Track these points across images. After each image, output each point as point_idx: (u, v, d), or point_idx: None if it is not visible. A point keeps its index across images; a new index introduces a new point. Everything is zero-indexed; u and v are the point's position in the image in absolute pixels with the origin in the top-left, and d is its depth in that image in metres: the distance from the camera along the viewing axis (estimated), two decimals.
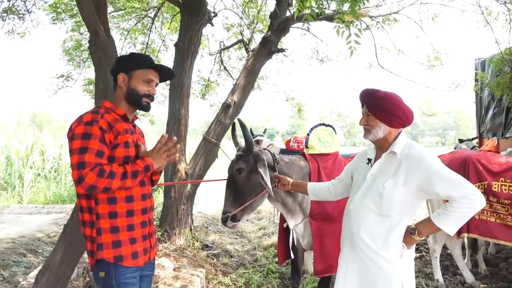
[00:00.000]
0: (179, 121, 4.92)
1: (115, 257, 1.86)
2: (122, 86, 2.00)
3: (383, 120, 2.06)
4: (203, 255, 4.77)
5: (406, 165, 1.99)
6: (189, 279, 3.65)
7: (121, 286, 1.86)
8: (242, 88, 5.06)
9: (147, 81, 2.02)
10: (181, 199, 4.79)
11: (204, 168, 4.95)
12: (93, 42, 2.38)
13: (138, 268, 1.95)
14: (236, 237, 6.70)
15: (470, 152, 4.50)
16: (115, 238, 1.87)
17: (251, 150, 2.82)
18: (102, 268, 1.87)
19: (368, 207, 2.06)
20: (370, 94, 2.11)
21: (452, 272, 4.98)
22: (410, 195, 1.98)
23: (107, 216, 1.87)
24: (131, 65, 2.00)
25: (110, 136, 1.86)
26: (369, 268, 2.05)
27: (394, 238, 2.01)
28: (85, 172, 1.75)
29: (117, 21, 8.30)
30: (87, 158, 1.77)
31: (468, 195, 1.83)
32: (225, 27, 7.61)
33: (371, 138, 2.12)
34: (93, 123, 1.82)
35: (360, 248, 2.07)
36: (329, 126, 3.46)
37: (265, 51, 5.12)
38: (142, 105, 2.03)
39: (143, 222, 1.98)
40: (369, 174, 2.13)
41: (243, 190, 2.79)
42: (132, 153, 1.95)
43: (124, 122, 1.97)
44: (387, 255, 2.01)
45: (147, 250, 2.00)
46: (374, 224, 2.04)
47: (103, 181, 1.76)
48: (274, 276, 4.60)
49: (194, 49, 5.00)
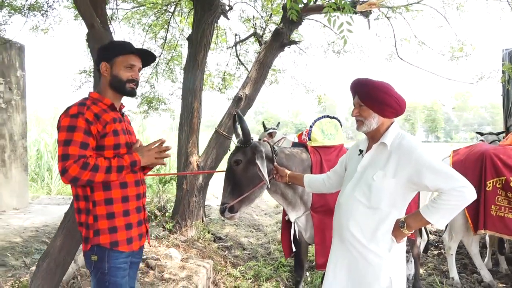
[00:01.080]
0: (191, 114, 4.97)
1: (111, 242, 1.91)
2: (106, 75, 2.02)
3: (376, 110, 2.00)
4: (214, 247, 4.82)
5: (396, 156, 1.93)
6: (195, 269, 3.70)
7: (112, 270, 1.91)
8: (253, 81, 5.05)
9: (129, 66, 2.03)
10: (192, 191, 4.85)
11: (216, 160, 4.98)
12: (90, 34, 2.44)
13: (131, 253, 2.00)
14: (252, 230, 6.72)
15: (488, 146, 4.32)
16: (111, 224, 1.92)
17: (249, 142, 2.81)
18: (96, 252, 1.92)
19: (358, 199, 2.02)
20: (362, 84, 2.06)
21: (470, 270, 4.82)
22: (400, 187, 1.92)
23: (103, 203, 1.92)
24: (111, 53, 2.03)
25: (98, 126, 1.89)
26: (358, 262, 2.01)
27: (383, 231, 1.96)
28: (69, 164, 1.79)
29: (139, 16, 8.46)
30: (71, 150, 1.81)
31: (457, 187, 1.76)
32: (241, 20, 7.60)
33: (364, 130, 2.07)
34: (79, 115, 1.85)
35: (349, 241, 2.03)
36: (334, 118, 3.40)
37: (277, 43, 5.07)
38: (127, 90, 2.05)
39: (138, 208, 2.03)
40: (360, 166, 2.08)
41: (241, 181, 2.79)
42: (122, 141, 1.99)
43: (112, 112, 2.01)
44: (376, 249, 1.96)
45: (142, 235, 2.06)
46: (363, 216, 2.00)
47: (86, 174, 1.80)
48: (285, 270, 4.59)
49: (207, 42, 5.02)
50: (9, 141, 7.30)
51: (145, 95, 8.63)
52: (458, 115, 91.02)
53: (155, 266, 3.61)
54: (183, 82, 5.19)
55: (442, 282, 4.32)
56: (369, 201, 1.98)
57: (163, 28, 8.12)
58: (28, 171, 8.85)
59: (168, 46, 8.22)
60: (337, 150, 3.29)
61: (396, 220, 1.95)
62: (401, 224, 1.92)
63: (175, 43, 8.17)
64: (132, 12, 8.27)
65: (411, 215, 1.93)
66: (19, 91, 7.52)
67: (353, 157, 2.22)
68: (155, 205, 5.24)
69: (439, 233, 6.40)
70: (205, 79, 8.38)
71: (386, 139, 1.99)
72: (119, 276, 1.93)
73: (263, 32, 6.96)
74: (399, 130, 2.03)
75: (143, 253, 2.31)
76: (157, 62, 8.41)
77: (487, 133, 5.62)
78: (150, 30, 8.26)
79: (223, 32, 7.95)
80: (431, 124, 78.57)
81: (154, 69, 8.47)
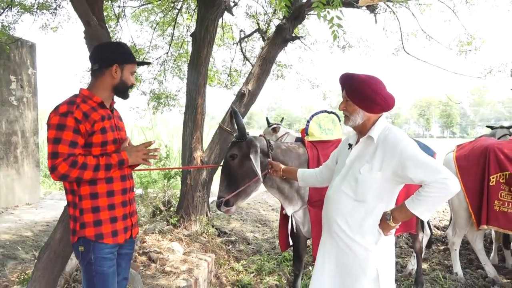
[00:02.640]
0: (195, 110, 5.01)
1: (96, 235, 1.98)
2: (115, 77, 2.07)
3: (362, 106, 2.01)
4: (217, 241, 4.87)
5: (382, 150, 1.94)
6: (196, 263, 3.75)
7: (98, 260, 1.98)
8: (256, 77, 5.06)
9: (132, 73, 2.14)
10: (196, 186, 4.90)
11: (219, 156, 5.02)
12: (86, 32, 2.50)
13: (117, 245, 2.06)
14: (258, 225, 6.75)
15: (493, 141, 4.27)
16: (96, 218, 1.99)
17: (244, 137, 2.85)
18: (82, 244, 1.99)
19: (345, 192, 2.04)
20: (349, 78, 2.07)
21: (476, 266, 4.78)
22: (386, 180, 1.94)
23: (89, 197, 1.99)
24: (125, 58, 2.09)
25: (86, 125, 1.94)
26: (345, 254, 2.04)
27: (369, 224, 1.98)
28: (58, 162, 1.86)
29: (147, 14, 8.55)
30: (61, 148, 1.87)
31: (440, 179, 1.76)
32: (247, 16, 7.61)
33: (350, 125, 2.09)
34: (68, 114, 1.91)
35: (337, 233, 2.06)
36: (332, 113, 3.40)
37: (280, 39, 5.08)
38: (127, 95, 2.16)
39: (124, 202, 2.09)
40: (348, 159, 2.10)
41: (236, 176, 2.83)
42: (109, 138, 2.04)
43: (101, 109, 2.06)
44: (362, 241, 1.98)
45: (127, 228, 2.11)
46: (349, 209, 2.02)
47: (75, 172, 1.88)
48: (288, 264, 4.62)
49: (210, 39, 5.05)
50: (21, 138, 7.48)
51: (154, 92, 8.73)
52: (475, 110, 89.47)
53: (156, 259, 3.68)
54: (187, 78, 5.24)
55: (445, 277, 4.30)
56: (355, 194, 2.00)
57: (171, 25, 8.19)
58: (41, 167, 9.05)
59: (175, 44, 8.28)
60: (334, 145, 3.28)
61: (383, 212, 1.96)
62: (388, 216, 1.93)
63: (182, 40, 8.23)
64: (140, 10, 8.36)
65: (397, 207, 1.94)
66: (31, 89, 7.68)
67: (343, 151, 2.24)
68: (159, 200, 5.31)
69: (445, 228, 6.34)
70: (213, 76, 8.44)
71: (372, 132, 2.00)
72: (105, 266, 1.99)
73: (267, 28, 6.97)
74: (386, 124, 2.04)
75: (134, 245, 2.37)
76: (165, 59, 8.49)
77: (497, 127, 5.52)
78: (158, 27, 8.33)
79: (230, 29, 7.98)
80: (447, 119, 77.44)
81: (162, 66, 8.55)
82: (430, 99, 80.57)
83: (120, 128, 2.18)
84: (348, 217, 2.02)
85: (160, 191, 5.53)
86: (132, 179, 2.21)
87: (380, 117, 2.06)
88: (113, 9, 7.14)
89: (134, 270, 3.14)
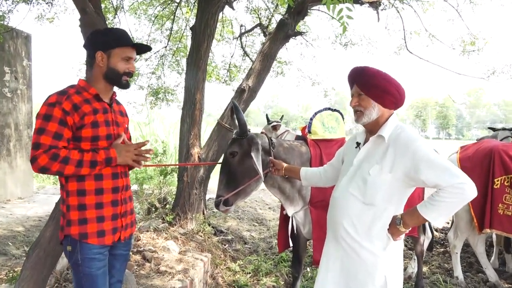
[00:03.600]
0: (194, 105, 4.89)
1: (80, 234, 1.86)
2: (101, 65, 1.94)
3: (376, 98, 1.90)
4: (214, 240, 4.76)
5: (394, 150, 1.84)
6: (192, 262, 3.64)
7: (86, 261, 1.86)
8: (257, 73, 4.95)
9: (126, 59, 1.98)
10: (193, 184, 4.78)
11: (217, 153, 4.90)
12: (82, 20, 2.37)
13: (104, 245, 1.93)
14: (255, 224, 6.65)
15: (497, 143, 4.18)
16: (81, 216, 1.87)
17: (245, 134, 2.73)
18: (70, 243, 1.88)
19: (352, 194, 1.93)
20: (361, 72, 1.97)
21: (476, 269, 4.70)
22: (396, 182, 1.83)
23: (76, 194, 1.88)
24: (109, 43, 1.95)
25: (75, 117, 1.83)
26: (351, 259, 1.93)
27: (378, 228, 1.87)
28: (38, 153, 1.76)
29: (145, 7, 8.40)
30: (43, 139, 1.77)
31: (457, 183, 1.65)
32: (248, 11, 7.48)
33: (365, 121, 1.96)
34: (56, 104, 1.80)
35: (343, 237, 1.95)
36: (336, 110, 3.30)
37: (281, 34, 4.96)
38: (122, 83, 2.00)
39: (114, 201, 1.95)
40: (356, 159, 1.99)
41: (236, 174, 2.72)
42: (102, 133, 1.92)
43: (97, 102, 1.94)
44: (370, 247, 1.87)
45: (117, 229, 1.97)
46: (357, 212, 1.91)
47: (56, 165, 1.76)
48: (285, 265, 4.52)
49: (210, 33, 4.92)
50: (14, 131, 7.32)
51: (152, 87, 8.59)
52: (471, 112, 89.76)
53: (151, 258, 3.56)
54: (186, 73, 5.11)
55: (446, 281, 4.21)
56: (364, 196, 1.89)
57: (169, 19, 8.05)
58: None
59: (174, 38, 8.14)
60: (338, 144, 3.19)
61: (393, 217, 1.86)
62: (398, 221, 1.83)
63: (181, 34, 8.09)
64: (139, 3, 8.21)
65: (408, 212, 1.83)
66: (25, 81, 7.52)
67: (350, 150, 2.13)
68: (155, 197, 5.19)
69: (445, 230, 6.26)
70: (212, 71, 8.31)
71: (384, 131, 1.89)
72: (93, 267, 1.87)
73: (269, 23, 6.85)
74: (398, 123, 1.93)
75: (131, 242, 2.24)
76: (164, 54, 8.35)
77: (499, 129, 5.44)
78: (156, 21, 8.19)
79: (229, 23, 7.85)
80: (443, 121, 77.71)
81: (161, 60, 8.41)
82: (427, 100, 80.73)
83: (118, 124, 2.04)
84: (355, 221, 1.91)
85: (155, 188, 5.41)
86: (126, 177, 2.07)
87: (391, 115, 1.96)
88: (111, 1, 6.99)
89: (127, 269, 3.02)
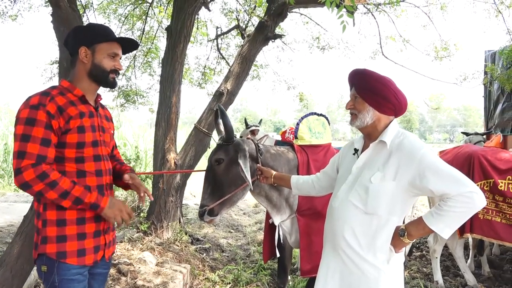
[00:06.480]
0: (169, 108, 4.70)
1: (58, 253, 1.66)
2: (85, 62, 1.78)
3: (372, 103, 1.81)
4: (191, 249, 4.56)
5: (397, 157, 1.74)
6: (171, 275, 3.45)
7: (64, 282, 1.66)
8: (236, 76, 4.81)
9: (112, 55, 1.81)
10: (169, 191, 4.58)
11: (194, 158, 4.73)
12: (55, 15, 2.16)
13: (84, 266, 1.74)
14: (230, 231, 6.49)
15: (476, 148, 4.23)
16: (60, 232, 1.67)
17: (232, 140, 2.58)
18: (45, 262, 1.67)
19: (353, 203, 1.82)
20: (359, 73, 1.87)
21: (453, 273, 4.74)
22: (400, 191, 1.73)
23: (55, 207, 1.67)
24: (92, 37, 1.78)
25: (60, 121, 1.65)
26: (352, 273, 1.82)
27: (381, 240, 1.76)
28: (24, 165, 1.56)
29: (115, 6, 8.09)
30: (30, 148, 1.57)
31: (466, 193, 1.57)
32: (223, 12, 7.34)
33: (358, 125, 1.87)
34: (39, 107, 1.61)
35: (343, 249, 1.83)
36: (322, 115, 3.21)
37: (261, 37, 4.85)
38: (109, 81, 1.83)
39: (97, 217, 1.76)
40: (355, 167, 1.88)
41: (222, 182, 2.56)
42: (88, 139, 1.74)
43: (82, 104, 1.75)
44: (373, 260, 1.77)
45: (99, 247, 1.78)
46: (359, 223, 1.80)
47: (40, 185, 1.57)
48: (265, 273, 4.38)
49: (187, 33, 4.75)
50: None
51: (122, 89, 8.27)
52: (432, 117, 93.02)
53: (127, 272, 3.34)
54: (161, 75, 4.91)
55: (426, 286, 4.21)
56: (365, 206, 1.78)
57: (141, 19, 7.77)
58: None
59: (145, 38, 7.87)
60: (324, 150, 3.09)
61: (396, 227, 1.76)
62: (401, 232, 1.73)
63: (153, 35, 7.83)
64: (108, 2, 7.89)
65: (413, 222, 1.74)
66: None
67: (347, 157, 2.02)
68: (129, 205, 4.93)
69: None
70: (184, 73, 8.09)
71: (385, 137, 1.79)
72: None
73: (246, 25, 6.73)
74: (399, 129, 1.84)
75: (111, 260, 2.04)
76: (135, 55, 8.06)
77: (472, 134, 5.56)
78: (126, 21, 7.89)
79: (204, 25, 7.66)
80: (406, 124, 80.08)
81: (132, 61, 8.11)
82: None
83: (105, 130, 1.86)
84: (357, 232, 1.80)
85: (128, 195, 5.16)
86: (111, 189, 1.89)
87: (392, 121, 1.87)
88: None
89: None
